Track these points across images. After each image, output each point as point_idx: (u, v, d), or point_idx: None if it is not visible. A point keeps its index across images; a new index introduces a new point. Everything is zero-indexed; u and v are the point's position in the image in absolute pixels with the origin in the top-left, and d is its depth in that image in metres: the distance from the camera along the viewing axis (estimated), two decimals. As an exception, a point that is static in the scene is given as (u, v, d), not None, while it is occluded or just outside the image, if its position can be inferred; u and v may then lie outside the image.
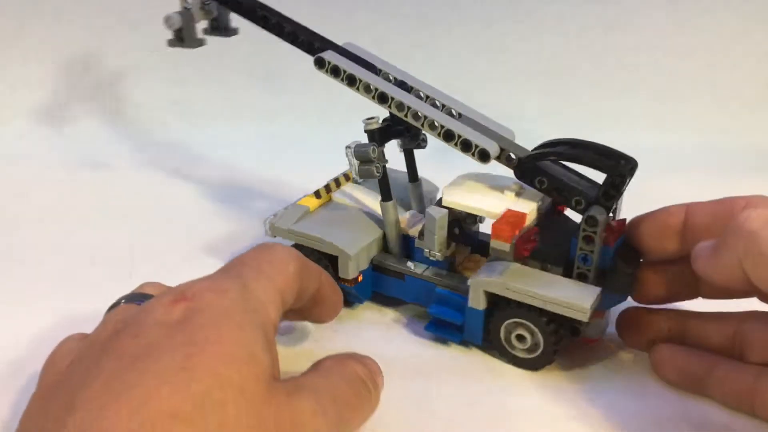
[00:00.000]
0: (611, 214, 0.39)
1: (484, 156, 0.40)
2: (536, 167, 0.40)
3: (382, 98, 0.42)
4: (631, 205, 0.41)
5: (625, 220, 0.40)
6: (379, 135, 0.42)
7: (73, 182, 0.63)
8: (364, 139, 0.43)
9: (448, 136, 0.40)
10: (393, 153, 0.47)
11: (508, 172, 0.41)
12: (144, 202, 0.60)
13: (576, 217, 0.40)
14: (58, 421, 0.25)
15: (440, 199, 0.42)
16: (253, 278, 0.31)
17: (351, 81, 0.42)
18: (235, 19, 0.48)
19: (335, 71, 0.42)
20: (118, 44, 0.72)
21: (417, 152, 0.47)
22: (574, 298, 0.37)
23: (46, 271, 0.50)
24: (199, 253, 0.52)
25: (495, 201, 0.41)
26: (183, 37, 0.47)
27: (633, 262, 0.40)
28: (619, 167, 0.38)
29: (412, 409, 0.38)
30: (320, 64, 0.43)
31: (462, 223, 0.42)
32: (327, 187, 0.49)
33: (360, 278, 0.44)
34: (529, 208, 0.40)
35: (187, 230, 0.55)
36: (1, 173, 0.64)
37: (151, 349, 0.26)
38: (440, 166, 0.44)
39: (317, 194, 0.48)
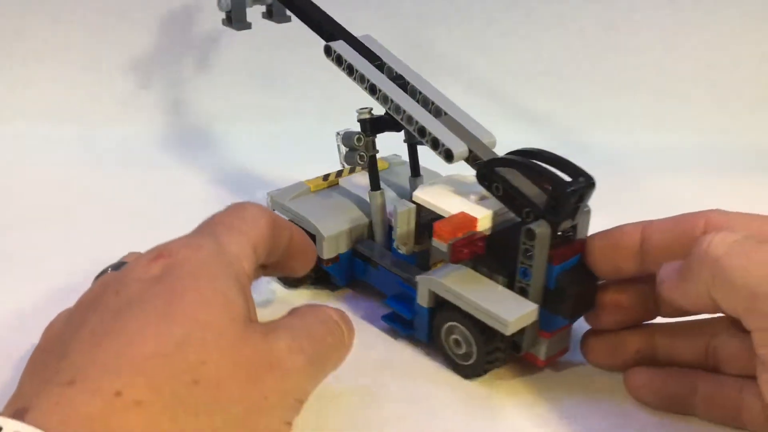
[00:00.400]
0: (572, 233, 0.38)
1: (448, 155, 0.40)
2: (493, 172, 0.38)
3: (372, 90, 0.43)
4: (631, 205, 0.41)
5: (584, 240, 0.38)
6: (369, 125, 0.44)
7: (73, 182, 0.63)
8: None
9: (421, 132, 0.41)
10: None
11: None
12: (144, 202, 0.60)
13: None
14: (52, 370, 0.27)
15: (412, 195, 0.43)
16: (226, 234, 0.33)
17: (350, 71, 0.44)
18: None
19: (339, 60, 0.45)
20: (118, 44, 0.72)
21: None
22: (500, 309, 0.36)
23: (46, 271, 0.50)
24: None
25: (455, 203, 0.40)
26: (232, 19, 0.51)
27: (582, 284, 0.38)
28: (565, 184, 0.36)
29: (412, 408, 0.38)
30: (327, 52, 0.45)
31: None
32: (339, 173, 0.50)
33: (337, 259, 0.45)
34: (482, 213, 0.39)
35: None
36: (1, 173, 0.64)
37: (133, 301, 0.28)
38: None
39: (325, 177, 0.50)
